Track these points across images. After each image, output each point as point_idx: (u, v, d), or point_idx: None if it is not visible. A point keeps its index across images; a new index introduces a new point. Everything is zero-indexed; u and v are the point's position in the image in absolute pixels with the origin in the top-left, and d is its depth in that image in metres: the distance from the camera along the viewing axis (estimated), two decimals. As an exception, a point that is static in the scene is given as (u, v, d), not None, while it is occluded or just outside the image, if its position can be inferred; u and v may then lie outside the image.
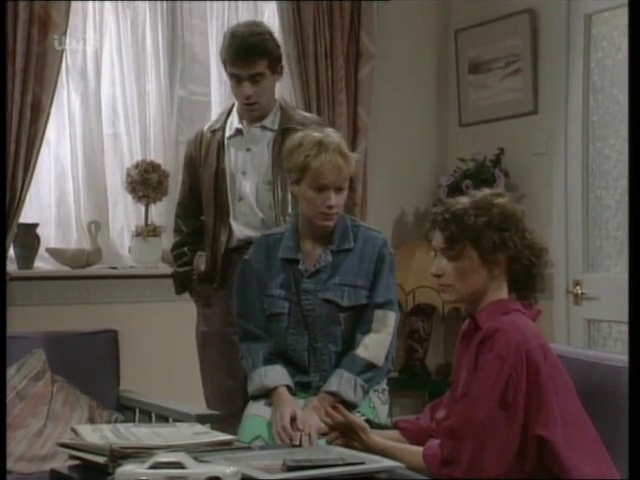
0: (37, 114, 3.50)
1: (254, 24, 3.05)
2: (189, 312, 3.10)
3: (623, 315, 3.50)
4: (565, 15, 3.97)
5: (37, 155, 3.53)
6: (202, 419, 2.67)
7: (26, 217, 3.61)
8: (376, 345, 2.59)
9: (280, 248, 2.66)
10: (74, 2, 3.64)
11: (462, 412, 2.00)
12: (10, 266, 3.53)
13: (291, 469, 1.82)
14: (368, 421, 2.29)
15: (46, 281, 3.69)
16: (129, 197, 3.87)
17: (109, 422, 2.97)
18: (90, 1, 3.84)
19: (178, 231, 3.12)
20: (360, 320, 2.60)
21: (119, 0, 3.91)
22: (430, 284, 2.51)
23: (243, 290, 2.69)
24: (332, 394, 2.53)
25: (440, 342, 4.45)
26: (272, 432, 2.47)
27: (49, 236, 3.79)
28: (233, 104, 3.02)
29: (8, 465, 2.66)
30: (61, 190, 3.84)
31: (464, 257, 2.07)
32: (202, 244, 3.04)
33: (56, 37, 3.51)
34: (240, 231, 2.93)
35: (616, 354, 2.50)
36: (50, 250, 3.76)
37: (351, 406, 2.50)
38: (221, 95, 4.06)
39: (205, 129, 3.05)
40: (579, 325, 3.94)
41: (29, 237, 3.64)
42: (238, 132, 2.97)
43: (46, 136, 3.60)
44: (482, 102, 4.38)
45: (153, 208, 3.87)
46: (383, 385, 2.68)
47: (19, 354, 3.01)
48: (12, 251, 3.58)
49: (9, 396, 2.93)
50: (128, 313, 3.69)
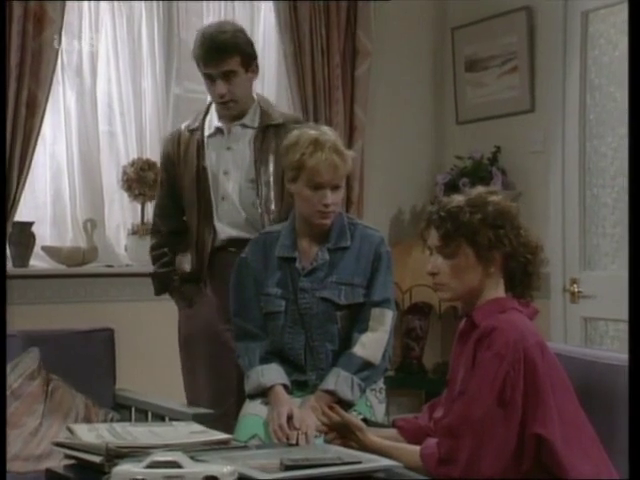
0: (33, 110, 3.48)
1: (224, 23, 3.02)
2: (185, 310, 3.08)
3: (620, 313, 3.53)
4: (562, 12, 3.97)
5: (33, 153, 3.51)
6: (198, 418, 2.66)
7: (21, 215, 3.59)
8: (373, 344, 2.58)
9: (277, 246, 2.65)
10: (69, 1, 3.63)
11: (460, 410, 1.99)
12: (5, 264, 3.52)
13: (288, 468, 1.81)
14: (365, 420, 2.29)
15: (42, 279, 3.67)
16: (125, 195, 3.87)
17: (105, 421, 2.96)
18: (86, 1, 3.82)
19: (157, 231, 3.06)
20: (357, 318, 2.60)
21: (115, 0, 3.90)
22: (427, 282, 2.49)
23: (240, 289, 2.68)
24: (329, 393, 2.52)
25: (437, 340, 4.45)
26: (269, 431, 2.47)
27: (44, 234, 3.77)
28: (211, 103, 2.98)
29: (3, 464, 2.65)
30: (57, 188, 3.82)
31: (459, 255, 2.07)
32: (182, 244, 2.99)
33: (54, 37, 3.49)
34: (224, 231, 2.89)
35: (613, 352, 2.50)
36: (46, 248, 3.74)
37: (348, 405, 2.50)
38: (217, 93, 4.05)
39: (182, 128, 3.00)
40: (576, 323, 3.94)
41: (24, 235, 3.63)
42: (218, 131, 2.93)
43: (42, 133, 3.59)
44: (479, 100, 4.37)
45: (149, 206, 3.84)
46: (380, 384, 2.67)
47: (14, 353, 3.00)
48: (7, 249, 3.57)
49: (4, 395, 2.92)
50: (124, 311, 3.67)
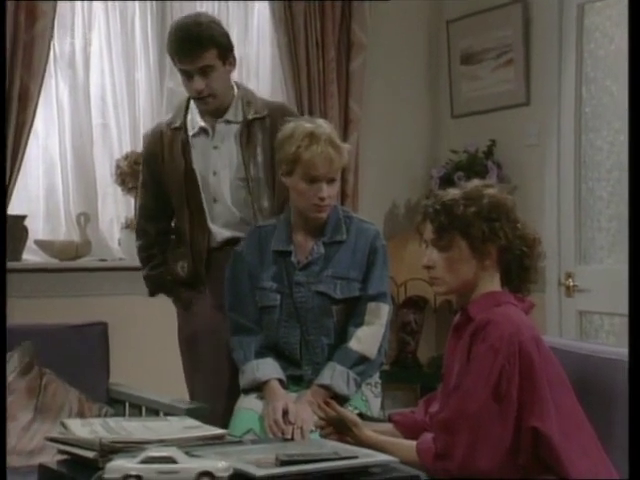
0: (25, 103, 3.47)
1: (198, 15, 2.90)
2: (180, 305, 3.07)
3: (615, 307, 3.53)
4: (557, 5, 3.95)
5: (25, 146, 3.50)
6: (192, 412, 2.65)
7: (14, 209, 3.57)
8: (369, 338, 2.57)
9: (272, 240, 2.64)
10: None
11: (455, 405, 1.98)
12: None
13: (284, 463, 1.79)
14: (361, 414, 2.29)
15: (35, 273, 3.66)
16: (118, 189, 3.85)
17: (99, 416, 2.94)
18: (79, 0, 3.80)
19: (143, 233, 2.97)
20: (353, 313, 2.59)
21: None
22: (422, 276, 2.49)
23: (235, 283, 2.67)
24: (324, 387, 2.51)
25: (432, 334, 4.45)
26: (264, 426, 2.46)
27: (37, 228, 3.76)
28: (189, 98, 2.85)
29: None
30: (49, 181, 3.80)
31: (454, 247, 2.07)
32: (171, 244, 2.94)
33: (46, 29, 3.46)
34: (220, 233, 2.83)
35: (609, 346, 2.50)
36: (38, 242, 3.73)
37: (344, 399, 2.50)
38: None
39: (164, 125, 2.88)
40: (571, 317, 3.93)
41: (17, 229, 3.61)
42: (202, 130, 2.81)
43: (34, 127, 3.57)
44: (474, 93, 4.36)
45: (143, 200, 3.84)
46: (376, 378, 2.67)
47: (7, 347, 2.98)
48: (2, 243, 3.56)
49: (-4, 389, 2.90)
50: (118, 305, 3.66)
